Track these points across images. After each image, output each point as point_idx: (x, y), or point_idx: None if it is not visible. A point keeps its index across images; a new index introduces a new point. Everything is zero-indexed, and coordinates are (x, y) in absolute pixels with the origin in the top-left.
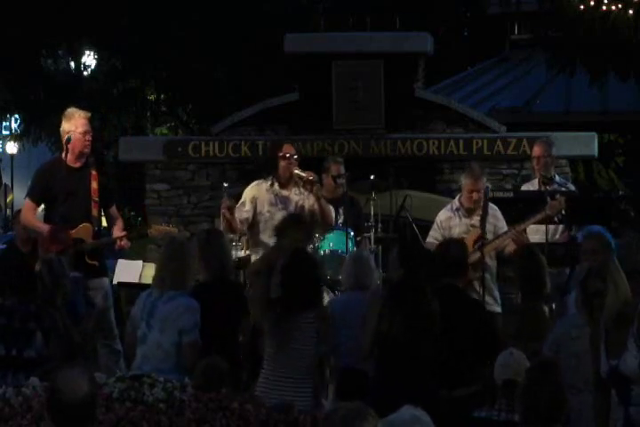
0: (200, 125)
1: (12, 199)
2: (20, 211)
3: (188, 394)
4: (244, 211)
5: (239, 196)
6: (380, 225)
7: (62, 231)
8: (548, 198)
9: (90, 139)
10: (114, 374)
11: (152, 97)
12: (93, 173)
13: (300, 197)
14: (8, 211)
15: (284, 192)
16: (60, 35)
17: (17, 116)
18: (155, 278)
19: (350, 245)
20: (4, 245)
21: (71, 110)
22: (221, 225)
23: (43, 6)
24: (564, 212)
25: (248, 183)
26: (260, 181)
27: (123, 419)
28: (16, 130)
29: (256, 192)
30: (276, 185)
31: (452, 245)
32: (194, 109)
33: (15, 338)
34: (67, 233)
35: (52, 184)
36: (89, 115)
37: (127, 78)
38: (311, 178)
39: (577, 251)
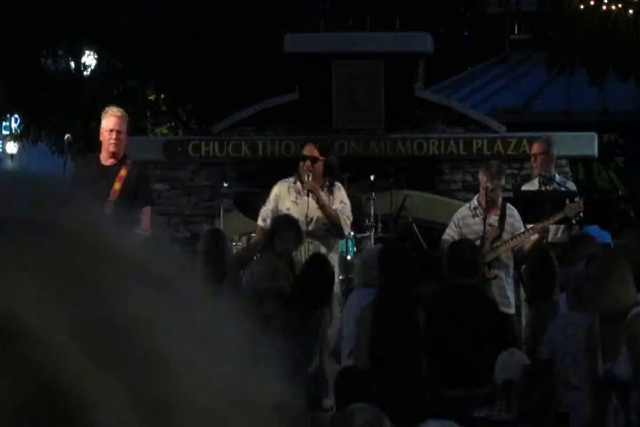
0: (200, 125)
1: None
2: None
3: None
4: (269, 209)
5: (239, 195)
6: (380, 225)
7: None
8: (567, 200)
9: (117, 137)
10: None
11: (152, 97)
12: (122, 173)
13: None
14: None
15: (305, 192)
16: (60, 35)
17: (17, 116)
18: None
19: (350, 245)
20: None
21: (107, 108)
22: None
23: (42, 6)
24: (582, 214)
25: (248, 183)
26: (286, 179)
27: None
28: (16, 130)
29: (278, 191)
30: (299, 184)
31: (464, 245)
32: (194, 109)
33: None
34: None
35: (81, 178)
36: (120, 113)
37: (127, 78)
38: (308, 188)
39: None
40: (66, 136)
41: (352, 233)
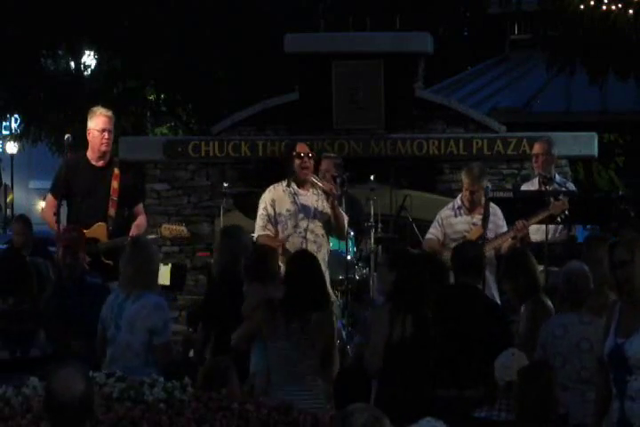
0: (200, 125)
1: (12, 199)
2: (20, 215)
3: (188, 394)
4: (267, 215)
5: (239, 195)
6: (380, 225)
7: (73, 230)
8: (552, 198)
9: (108, 137)
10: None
11: (152, 97)
12: (116, 172)
13: (318, 197)
14: (8, 211)
15: (302, 191)
16: (60, 35)
17: (17, 116)
18: (121, 279)
19: (350, 245)
20: (4, 246)
21: (94, 108)
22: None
23: (42, 6)
24: (567, 212)
25: (248, 183)
26: (276, 184)
27: (123, 419)
28: (16, 130)
29: (273, 195)
30: (293, 185)
31: (468, 246)
32: (194, 109)
33: (17, 340)
34: (78, 231)
35: (72, 180)
36: (110, 113)
37: (127, 78)
38: (328, 189)
39: (577, 250)
40: (66, 136)
41: (352, 233)
